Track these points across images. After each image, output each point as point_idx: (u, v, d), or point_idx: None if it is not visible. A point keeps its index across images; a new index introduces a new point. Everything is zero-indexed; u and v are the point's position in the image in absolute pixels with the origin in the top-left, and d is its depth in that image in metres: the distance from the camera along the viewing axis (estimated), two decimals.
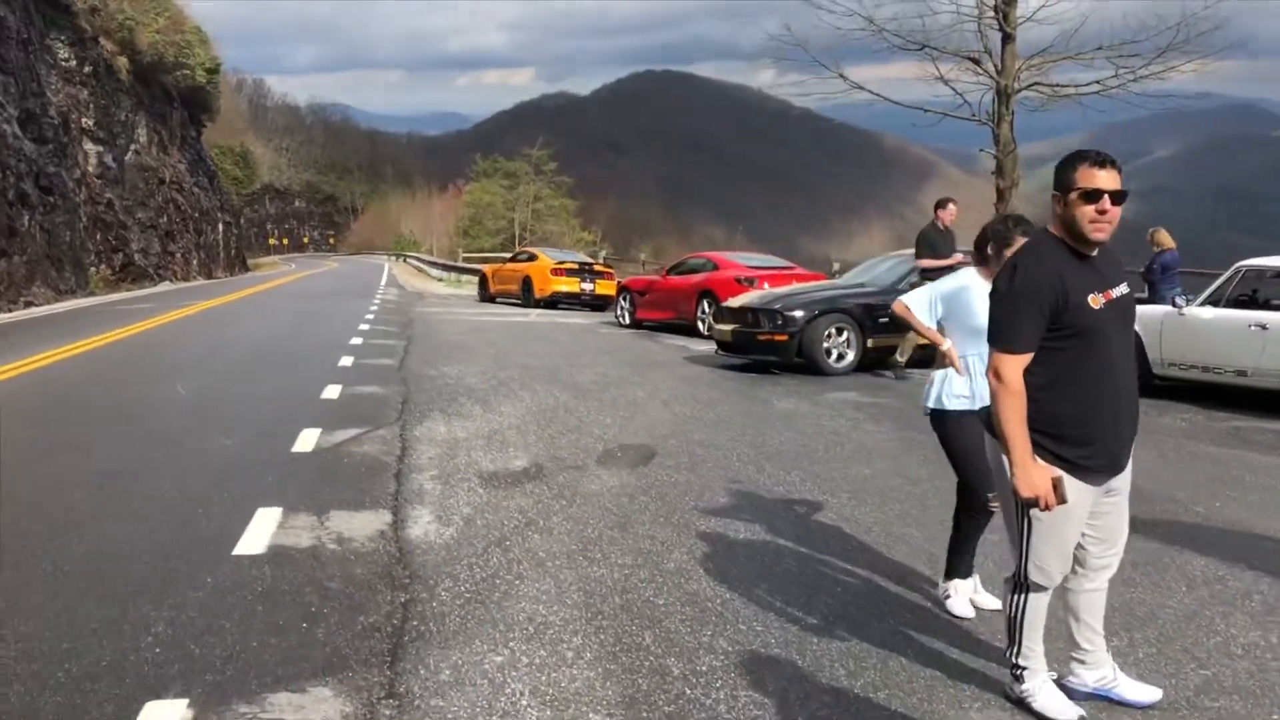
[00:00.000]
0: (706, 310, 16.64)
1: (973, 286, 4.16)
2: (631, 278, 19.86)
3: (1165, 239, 12.83)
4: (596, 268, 24.93)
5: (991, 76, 20.18)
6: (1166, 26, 19.13)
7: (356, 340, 14.81)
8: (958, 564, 4.51)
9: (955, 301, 4.20)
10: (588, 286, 24.20)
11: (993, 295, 3.26)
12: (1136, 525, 4.39)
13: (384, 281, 38.23)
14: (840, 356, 11.96)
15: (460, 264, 44.24)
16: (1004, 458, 3.26)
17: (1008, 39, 19.92)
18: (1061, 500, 3.19)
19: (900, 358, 11.76)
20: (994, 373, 3.20)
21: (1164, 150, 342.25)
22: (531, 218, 59.69)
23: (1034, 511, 3.26)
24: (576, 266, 24.58)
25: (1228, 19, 18.62)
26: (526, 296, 24.67)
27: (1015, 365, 3.18)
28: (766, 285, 16.07)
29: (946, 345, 4.23)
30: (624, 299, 19.00)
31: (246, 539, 5.24)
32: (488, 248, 57.34)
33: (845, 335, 11.96)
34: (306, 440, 7.70)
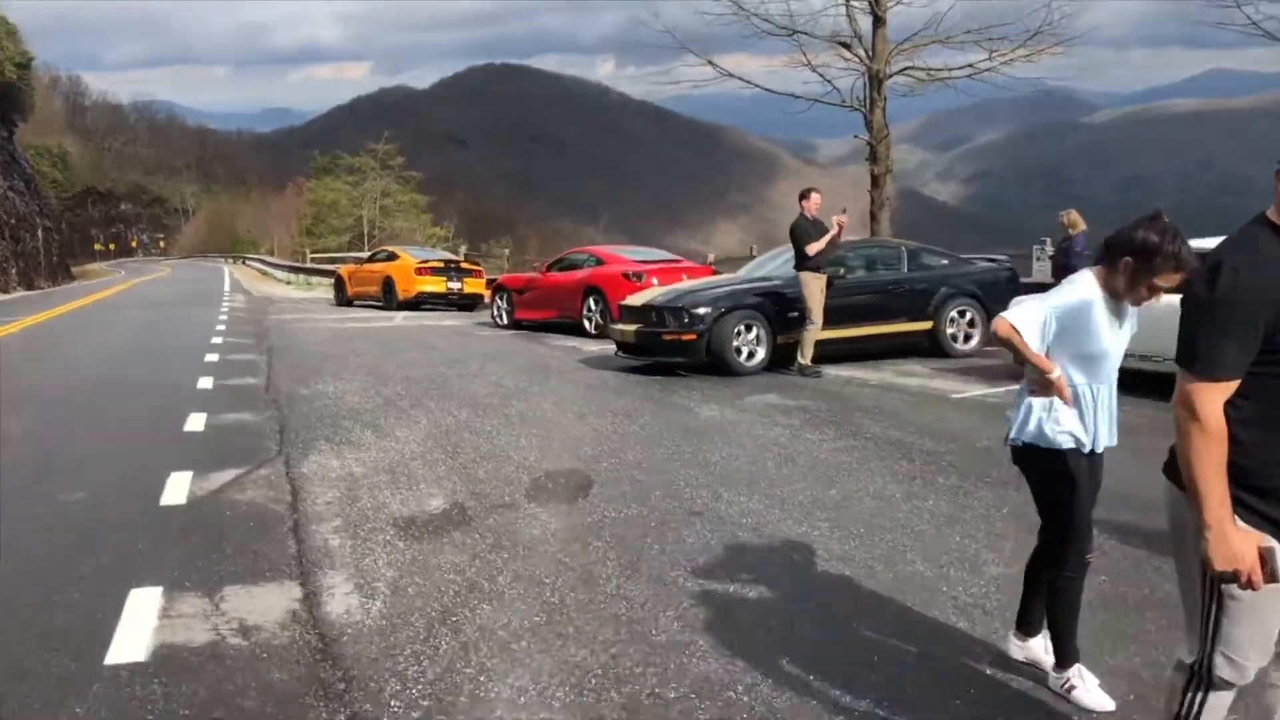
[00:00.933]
0: (594, 308, 15.74)
1: (1095, 302, 3.35)
2: (507, 275, 18.79)
3: (1079, 220, 12.56)
4: (463, 265, 23.70)
5: (863, 61, 19.87)
6: (1030, 10, 19.22)
7: (212, 357, 13.33)
8: (1035, 618, 3.75)
9: (1074, 320, 3.38)
10: (454, 285, 22.96)
11: (1186, 303, 2.45)
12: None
13: (227, 287, 35.92)
14: (750, 355, 11.24)
15: (309, 265, 42.06)
16: (1189, 516, 2.48)
17: (879, 23, 19.68)
18: (1271, 578, 2.42)
19: (804, 359, 11.11)
20: (1185, 406, 2.41)
21: (985, 136, 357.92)
22: (380, 214, 57.51)
23: (1230, 588, 2.48)
24: (442, 265, 23.30)
25: (1085, 5, 18.75)
26: (388, 298, 23.26)
27: (1216, 397, 2.39)
28: (655, 281, 15.29)
29: (1056, 373, 3.43)
30: (501, 298, 17.92)
31: (121, 639, 4.10)
32: (334, 247, 54.99)
33: (755, 332, 11.24)
34: (177, 488, 6.47)
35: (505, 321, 17.75)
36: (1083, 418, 3.46)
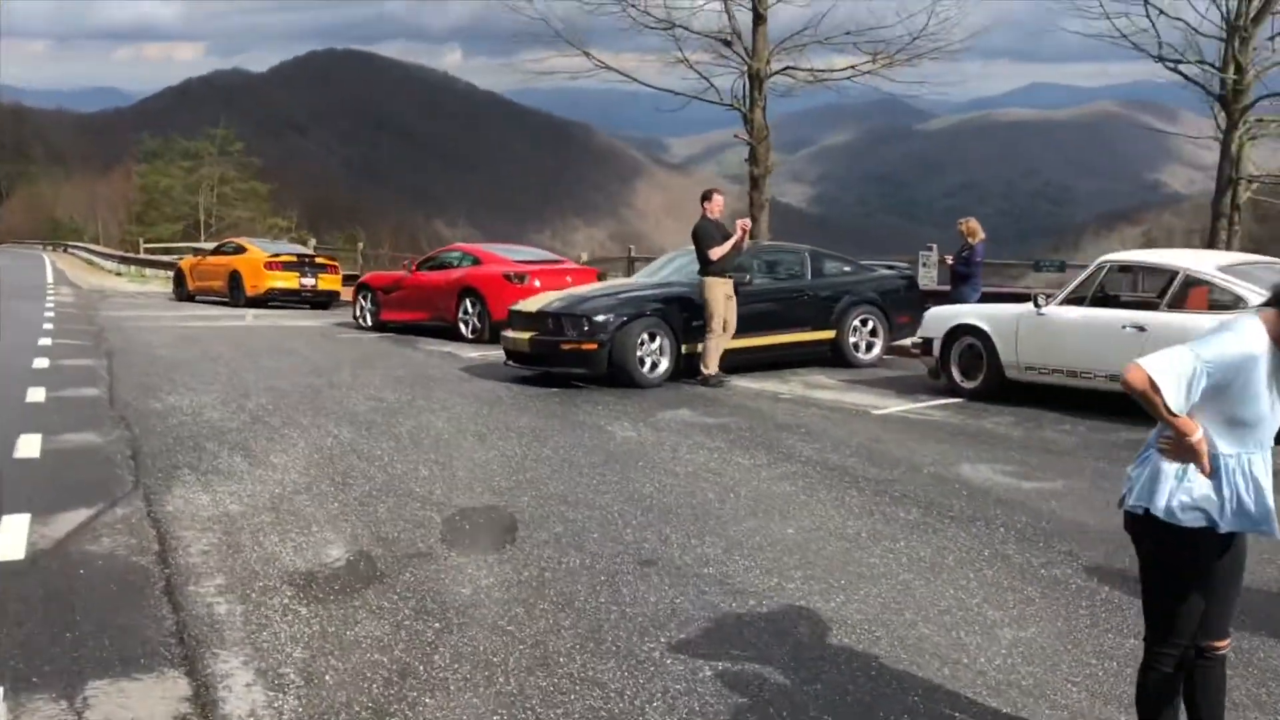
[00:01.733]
0: (470, 310, 14.75)
1: (1262, 358, 2.72)
2: (373, 273, 17.54)
3: (978, 229, 12.28)
4: (318, 260, 22.23)
5: (743, 60, 19.41)
6: (909, 15, 19.11)
7: (41, 362, 11.79)
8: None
9: (1233, 377, 2.72)
10: (308, 282, 21.49)
11: None
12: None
13: (50, 278, 33.08)
14: (654, 365, 10.53)
15: (143, 256, 39.32)
16: None
17: (759, 20, 19.22)
18: None
19: (708, 368, 10.48)
20: None
21: (825, 140, 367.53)
22: (217, 203, 54.49)
23: None
24: (295, 259, 21.78)
25: (965, 13, 18.80)
26: (235, 294, 21.62)
27: None
28: (538, 283, 14.43)
29: (1197, 436, 2.77)
30: (364, 298, 16.70)
31: None
32: (167, 236, 51.82)
33: (659, 341, 10.53)
34: (12, 538, 5.33)
35: (370, 323, 16.57)
36: (1221, 491, 2.83)
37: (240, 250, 22.34)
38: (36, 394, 9.59)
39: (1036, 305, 8.85)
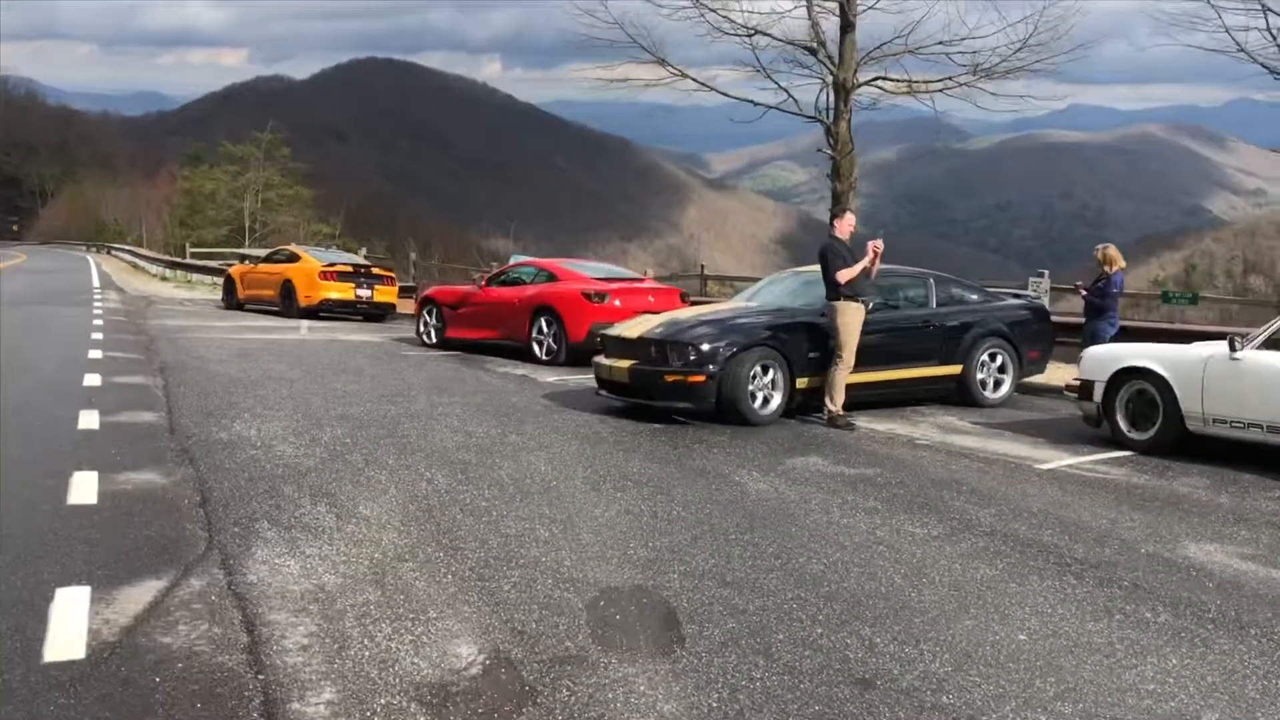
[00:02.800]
0: (545, 331, 13.73)
1: None
2: (438, 288, 16.55)
3: (1117, 256, 11.14)
4: (375, 271, 21.32)
5: (829, 69, 18.33)
6: (1010, 24, 17.99)
7: (92, 379, 10.86)
8: None
9: None
10: (364, 293, 20.60)
11: None
12: None
13: (97, 281, 32.47)
14: (765, 401, 9.45)
15: (189, 261, 38.65)
16: None
17: (848, 27, 18.15)
18: None
19: (834, 405, 9.39)
20: None
21: (862, 158, 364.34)
22: (261, 207, 53.92)
23: None
24: (351, 269, 20.88)
25: (1073, 25, 17.63)
26: (288, 304, 20.76)
27: None
28: (618, 302, 13.41)
29: None
30: (429, 313, 15.73)
31: None
32: (210, 240, 51.32)
33: (771, 374, 9.45)
34: (70, 625, 4.31)
35: (434, 340, 15.59)
36: None
37: (294, 259, 21.48)
38: (89, 419, 8.61)
39: (1232, 348, 7.68)
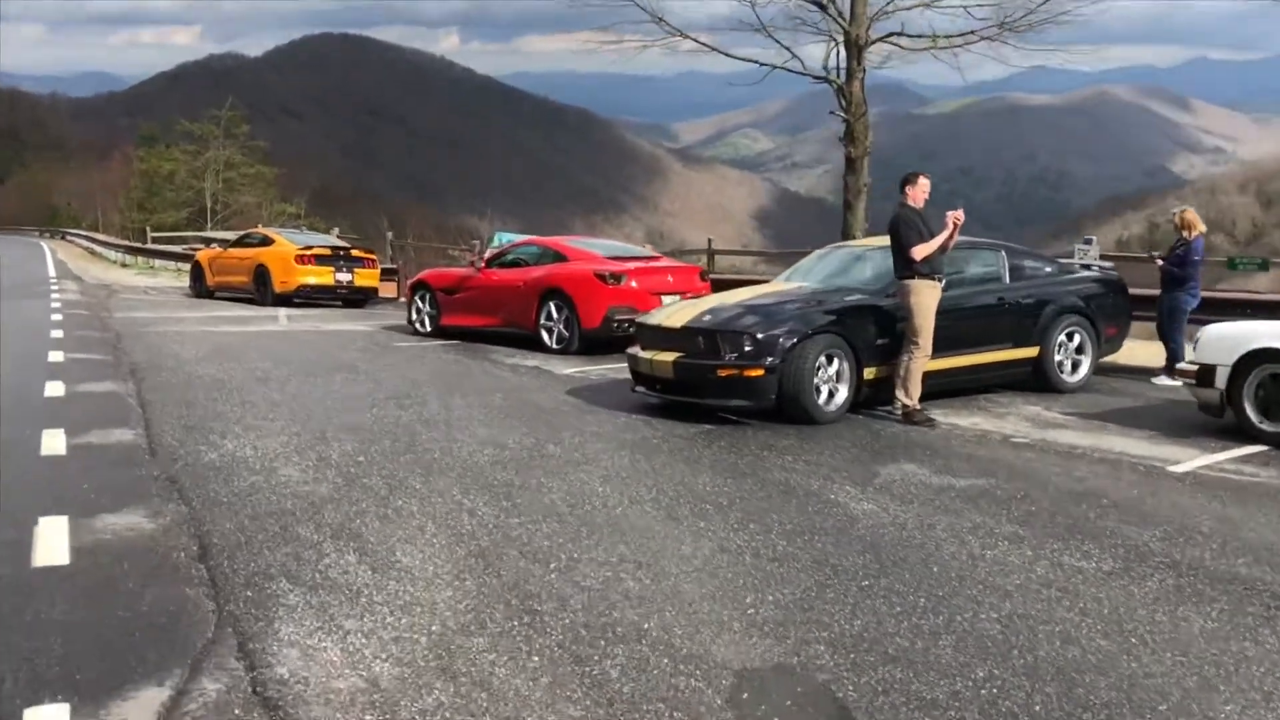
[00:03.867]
0: (555, 316, 12.54)
1: None
2: (431, 271, 15.23)
3: (1196, 220, 10.09)
4: (355, 253, 19.94)
5: (839, 24, 17.15)
6: None
7: (54, 388, 9.52)
8: None
9: None
10: (344, 277, 19.25)
11: None
12: None
13: (53, 270, 30.77)
14: (830, 395, 8.32)
15: (151, 246, 36.90)
16: None
17: None
18: None
19: (909, 399, 8.30)
20: None
21: (824, 127, 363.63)
22: (223, 188, 52.01)
23: None
24: (329, 252, 19.50)
25: None
26: (262, 291, 19.38)
27: None
28: (634, 283, 12.26)
29: None
30: (421, 299, 14.47)
31: None
32: (170, 224, 49.42)
33: (836, 365, 8.32)
34: None
35: (428, 328, 14.34)
36: None
37: (267, 242, 20.05)
38: (54, 441, 7.34)
39: None
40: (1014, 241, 12.16)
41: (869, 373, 8.45)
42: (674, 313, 8.79)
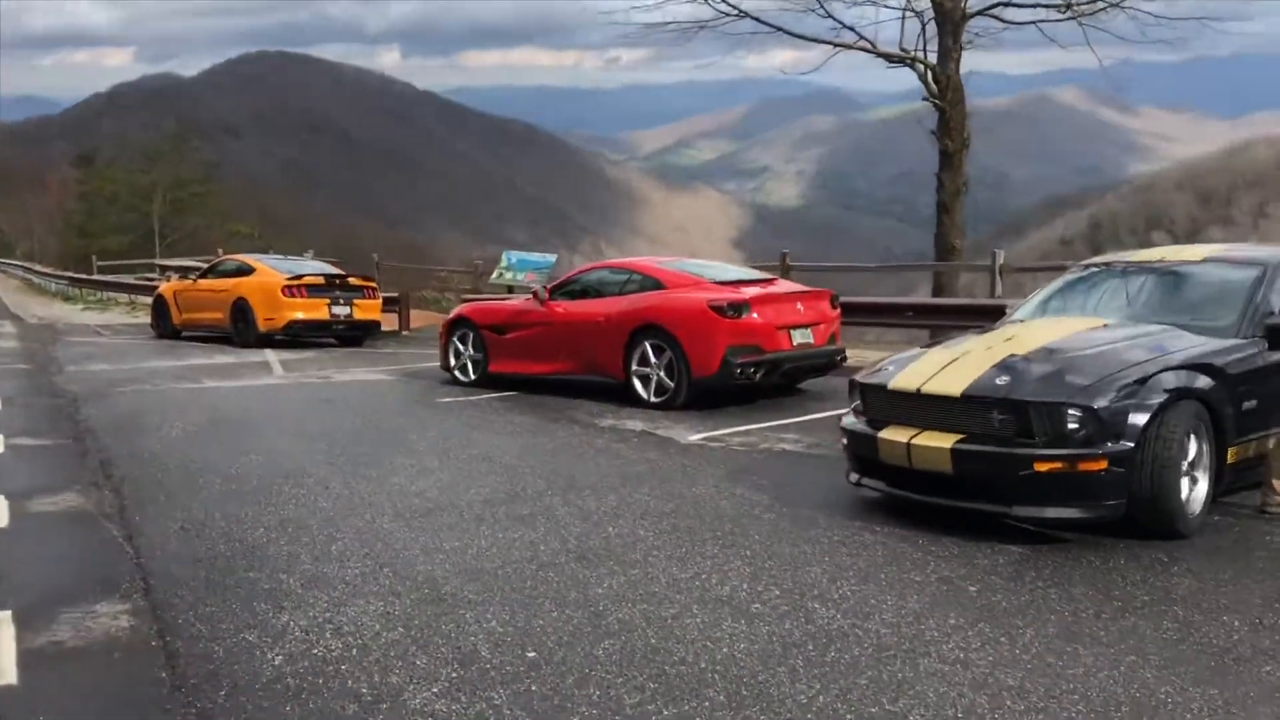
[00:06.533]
0: (654, 360, 9.65)
1: None
2: (474, 305, 12.20)
3: None
4: (352, 282, 16.83)
5: None
6: None
7: None
8: None
9: None
10: (341, 311, 16.17)
11: None
12: None
13: None
14: (1188, 490, 5.52)
15: (99, 277, 33.27)
16: None
17: None
18: None
19: None
20: None
21: (768, 133, 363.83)
22: (171, 210, 48.27)
23: None
24: (322, 281, 16.39)
25: None
26: (243, 329, 16.24)
27: None
28: (757, 314, 9.44)
29: None
30: (462, 340, 11.47)
31: None
32: (116, 249, 45.68)
33: (1194, 445, 5.52)
34: None
35: (472, 376, 11.36)
36: None
37: (247, 270, 16.85)
38: (2, 646, 4.30)
39: None
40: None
41: (1231, 453, 5.66)
42: (938, 369, 5.87)
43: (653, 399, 9.70)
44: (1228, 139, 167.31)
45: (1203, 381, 5.54)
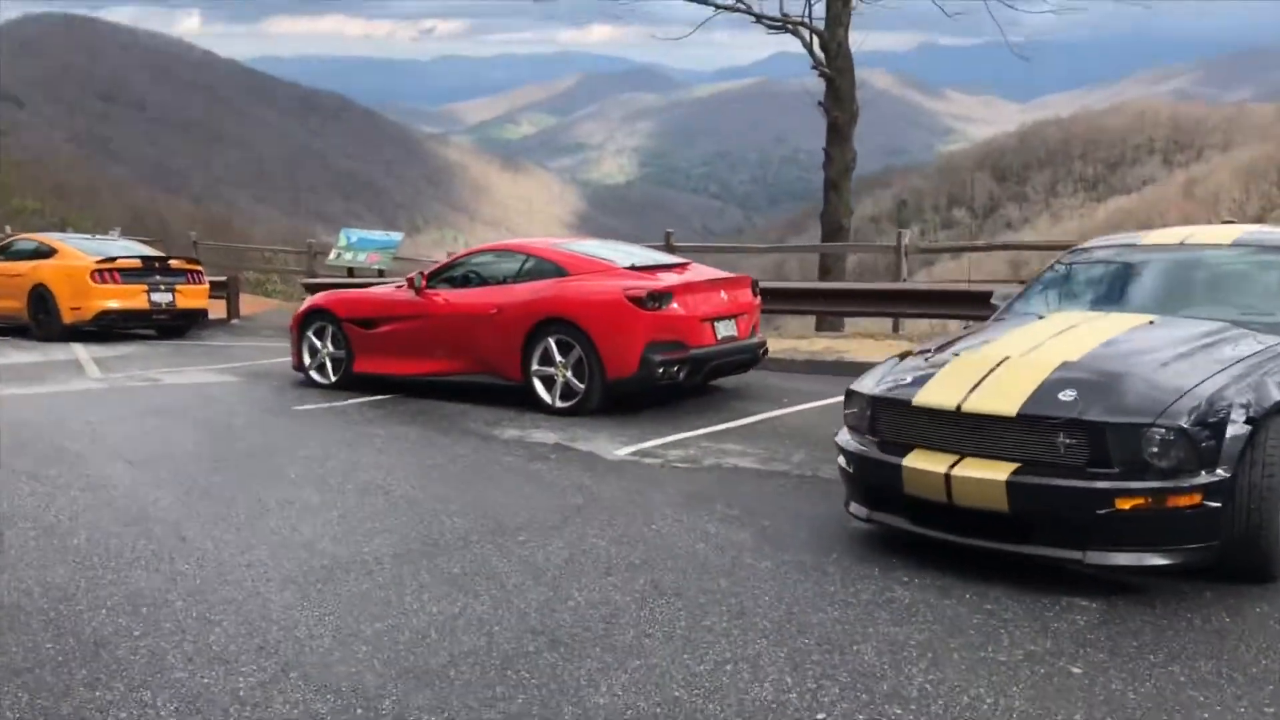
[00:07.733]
0: (559, 357, 8.33)
1: None
2: (334, 294, 10.45)
3: None
4: (174, 264, 14.70)
5: None
6: None
7: None
8: None
9: None
10: (162, 298, 14.07)
11: None
12: None
13: None
14: None
15: None
16: None
17: None
18: None
19: None
20: None
21: (582, 111, 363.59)
22: None
23: None
24: (139, 264, 14.23)
25: None
26: (44, 321, 13.96)
27: None
28: (678, 305, 8.27)
29: None
30: (319, 334, 9.81)
31: None
32: None
33: None
34: None
35: (333, 377, 9.75)
36: None
37: (47, 252, 14.46)
38: None
39: None
40: (769, 219, 8.94)
41: None
42: (976, 381, 4.78)
43: (558, 403, 8.39)
44: (1020, 121, 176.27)
45: None
